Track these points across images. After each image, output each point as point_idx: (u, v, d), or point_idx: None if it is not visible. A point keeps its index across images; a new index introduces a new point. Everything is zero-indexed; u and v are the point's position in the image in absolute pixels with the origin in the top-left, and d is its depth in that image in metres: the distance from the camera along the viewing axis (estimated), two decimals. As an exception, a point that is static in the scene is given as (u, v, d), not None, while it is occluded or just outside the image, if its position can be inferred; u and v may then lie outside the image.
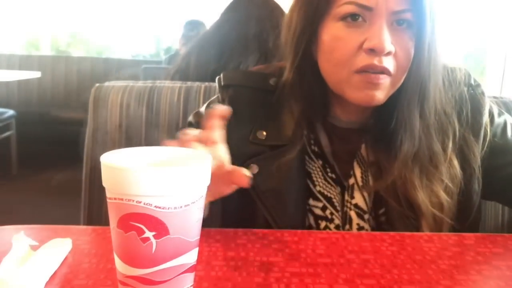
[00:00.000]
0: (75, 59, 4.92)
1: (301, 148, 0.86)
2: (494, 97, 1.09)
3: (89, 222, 1.12)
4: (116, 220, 0.44)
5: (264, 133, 0.86)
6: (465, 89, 0.88)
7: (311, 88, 0.86)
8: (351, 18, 0.77)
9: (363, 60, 0.77)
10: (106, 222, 1.29)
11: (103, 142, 1.14)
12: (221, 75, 0.93)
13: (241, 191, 0.86)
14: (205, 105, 0.96)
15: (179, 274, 0.46)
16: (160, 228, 0.43)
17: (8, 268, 0.55)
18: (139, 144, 1.13)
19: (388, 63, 0.77)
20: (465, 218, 0.85)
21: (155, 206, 0.43)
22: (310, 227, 0.85)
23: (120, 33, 5.87)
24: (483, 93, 0.90)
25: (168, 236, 0.44)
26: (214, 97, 0.97)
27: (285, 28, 0.88)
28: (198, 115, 0.94)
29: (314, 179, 0.86)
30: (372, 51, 0.76)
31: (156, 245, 0.44)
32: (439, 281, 0.59)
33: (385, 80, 0.78)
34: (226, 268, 0.60)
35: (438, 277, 0.60)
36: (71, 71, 4.71)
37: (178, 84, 1.21)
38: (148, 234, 0.44)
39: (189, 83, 1.22)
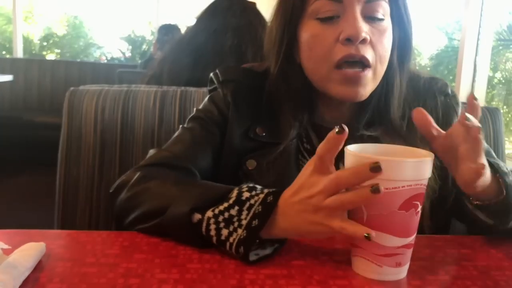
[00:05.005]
0: (49, 62, 4.84)
1: (295, 146, 0.88)
2: (463, 103, 1.11)
3: (63, 226, 1.11)
4: (398, 205, 0.57)
5: (262, 130, 0.88)
6: (442, 98, 0.90)
7: (296, 90, 0.88)
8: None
9: (340, 51, 0.78)
10: (79, 226, 1.27)
11: (77, 146, 1.13)
12: (217, 71, 0.94)
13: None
14: (207, 97, 0.95)
15: None
16: (422, 201, 0.60)
17: (-20, 273, 0.54)
18: (113, 148, 1.13)
19: (366, 51, 0.78)
20: (439, 222, 0.87)
21: (424, 185, 0.59)
22: None
23: (95, 36, 5.81)
24: (457, 104, 0.92)
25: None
26: (214, 91, 0.95)
27: (266, 39, 0.91)
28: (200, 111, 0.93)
29: None
30: (349, 41, 0.77)
31: (418, 215, 0.60)
32: (410, 281, 0.61)
33: (366, 75, 0.79)
34: (202, 270, 0.61)
35: (408, 277, 0.62)
36: (44, 75, 4.63)
37: (154, 88, 1.21)
38: (419, 207, 0.59)
39: (165, 88, 1.22)
